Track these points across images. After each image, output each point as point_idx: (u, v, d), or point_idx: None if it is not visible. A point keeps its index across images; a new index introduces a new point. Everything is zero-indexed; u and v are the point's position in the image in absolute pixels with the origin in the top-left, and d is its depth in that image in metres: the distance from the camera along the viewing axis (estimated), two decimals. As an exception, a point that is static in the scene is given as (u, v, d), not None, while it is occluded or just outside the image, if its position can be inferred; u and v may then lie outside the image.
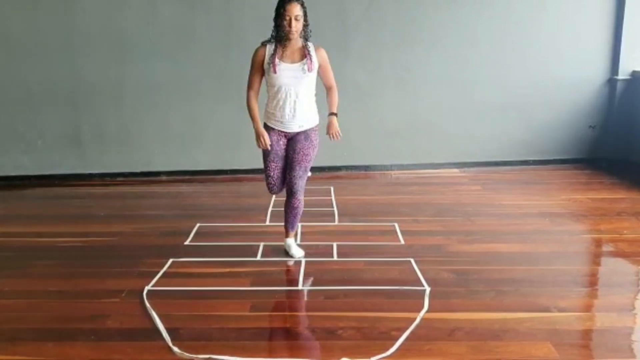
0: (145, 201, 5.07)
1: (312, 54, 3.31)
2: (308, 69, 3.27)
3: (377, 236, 3.91)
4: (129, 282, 3.15)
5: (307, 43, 3.33)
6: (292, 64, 3.29)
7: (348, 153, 5.94)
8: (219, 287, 3.08)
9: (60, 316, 2.79)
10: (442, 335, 2.53)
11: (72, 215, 4.63)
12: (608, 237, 3.88)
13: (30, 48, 5.65)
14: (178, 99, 5.81)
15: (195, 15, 5.64)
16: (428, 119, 6.00)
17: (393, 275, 3.21)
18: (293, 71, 3.28)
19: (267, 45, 3.33)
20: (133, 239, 3.94)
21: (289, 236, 3.61)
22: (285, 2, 3.18)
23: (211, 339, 2.53)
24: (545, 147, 6.11)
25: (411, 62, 5.87)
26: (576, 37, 5.88)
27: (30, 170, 5.91)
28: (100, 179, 5.91)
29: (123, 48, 5.69)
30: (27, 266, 3.46)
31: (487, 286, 3.03)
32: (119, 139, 5.88)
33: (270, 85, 3.37)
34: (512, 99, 5.99)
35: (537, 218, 4.27)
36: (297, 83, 3.29)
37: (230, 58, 5.71)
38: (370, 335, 2.54)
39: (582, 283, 3.16)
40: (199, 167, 5.98)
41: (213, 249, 3.68)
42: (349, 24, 5.71)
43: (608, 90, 5.99)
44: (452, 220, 4.21)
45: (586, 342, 2.53)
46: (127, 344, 2.50)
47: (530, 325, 2.60)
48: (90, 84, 5.74)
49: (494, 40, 5.86)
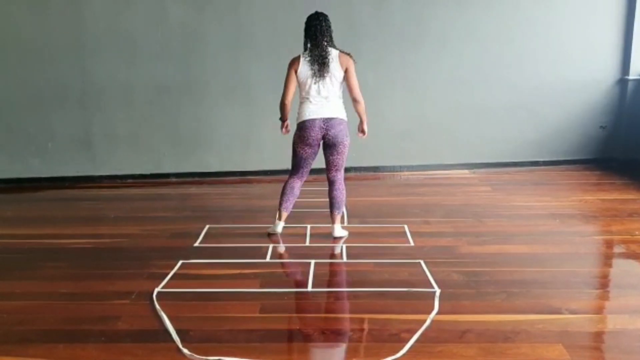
0: (154, 203, 5.08)
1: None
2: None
3: (387, 237, 3.89)
4: (139, 284, 3.16)
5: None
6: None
7: (357, 154, 5.93)
8: (229, 289, 3.08)
9: (70, 318, 2.79)
10: (452, 337, 2.52)
11: (82, 217, 4.66)
12: (619, 238, 3.85)
13: (40, 51, 5.69)
14: (187, 101, 5.83)
15: (204, 17, 5.66)
16: (437, 120, 5.98)
17: (403, 277, 3.20)
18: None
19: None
20: (143, 241, 3.95)
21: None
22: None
23: (221, 340, 2.53)
24: (556, 148, 6.08)
25: (420, 63, 5.86)
26: (587, 37, 5.85)
27: (41, 172, 5.94)
28: (110, 180, 5.94)
29: (132, 50, 5.71)
30: (37, 268, 3.48)
31: (498, 288, 3.01)
32: (129, 141, 5.91)
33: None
34: (522, 99, 5.96)
35: (548, 219, 4.25)
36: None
37: (239, 60, 5.73)
38: (380, 337, 2.53)
39: (593, 285, 3.13)
40: (208, 169, 6.00)
41: (222, 251, 3.69)
42: (358, 25, 5.71)
43: (619, 91, 5.95)
44: (462, 222, 4.20)
45: (598, 344, 2.50)
46: (137, 346, 2.50)
47: (542, 327, 2.58)
48: (100, 86, 5.77)
49: (503, 41, 5.84)
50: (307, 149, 3.81)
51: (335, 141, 3.75)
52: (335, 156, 3.82)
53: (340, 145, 3.78)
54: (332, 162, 3.84)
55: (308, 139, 3.75)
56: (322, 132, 3.73)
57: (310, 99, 3.73)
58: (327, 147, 3.82)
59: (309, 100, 3.74)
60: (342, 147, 3.80)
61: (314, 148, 3.81)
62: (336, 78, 3.70)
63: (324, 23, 3.71)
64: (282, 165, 5.97)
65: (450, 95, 5.93)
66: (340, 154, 3.82)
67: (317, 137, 3.74)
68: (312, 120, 3.71)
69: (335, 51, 3.72)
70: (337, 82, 3.73)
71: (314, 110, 3.72)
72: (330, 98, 3.72)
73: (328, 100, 3.72)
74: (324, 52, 3.68)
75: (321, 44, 3.69)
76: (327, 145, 3.81)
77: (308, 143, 3.77)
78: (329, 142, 3.77)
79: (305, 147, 3.80)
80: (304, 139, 3.76)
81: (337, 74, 3.69)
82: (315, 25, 3.69)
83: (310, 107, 3.73)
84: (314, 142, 3.77)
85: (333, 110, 3.73)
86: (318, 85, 3.70)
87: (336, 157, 3.82)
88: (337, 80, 3.72)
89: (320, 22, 3.70)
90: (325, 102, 3.72)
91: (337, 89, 3.75)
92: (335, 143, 3.76)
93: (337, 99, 3.77)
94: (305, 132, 3.73)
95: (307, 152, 3.83)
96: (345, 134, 3.77)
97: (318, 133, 3.73)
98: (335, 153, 3.81)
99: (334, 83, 3.71)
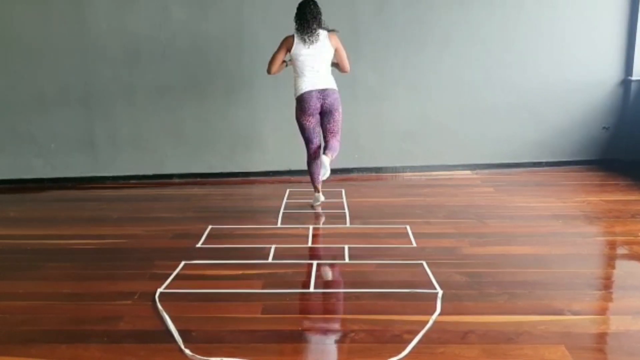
0: (157, 204, 5.09)
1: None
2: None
3: (389, 238, 3.89)
4: (142, 285, 3.16)
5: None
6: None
7: (359, 155, 5.94)
8: (231, 290, 3.08)
9: (73, 318, 2.80)
10: (454, 338, 2.52)
11: (85, 218, 4.67)
12: (622, 239, 3.84)
13: (43, 52, 5.70)
14: (190, 101, 5.84)
15: (207, 18, 5.67)
16: (439, 120, 5.98)
17: (405, 278, 3.19)
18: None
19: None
20: (145, 242, 3.96)
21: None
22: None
23: (223, 341, 2.53)
24: (558, 149, 6.07)
25: (422, 63, 5.85)
26: (590, 37, 5.84)
27: (44, 173, 5.96)
28: (113, 181, 5.96)
29: (135, 51, 5.73)
30: (40, 268, 3.49)
31: (500, 289, 3.01)
32: (132, 141, 5.92)
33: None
34: (524, 100, 5.95)
35: (551, 220, 4.24)
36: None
37: (242, 61, 5.73)
38: (383, 338, 2.53)
39: (596, 286, 3.12)
40: (211, 170, 6.01)
41: (225, 251, 3.69)
42: (360, 26, 5.71)
43: (622, 91, 5.94)
44: (465, 223, 4.19)
45: (601, 346, 2.50)
46: (140, 346, 2.51)
47: (544, 329, 2.57)
48: (103, 87, 5.79)
49: (505, 41, 5.83)
50: (311, 119, 4.33)
51: (331, 109, 4.30)
52: (331, 124, 4.34)
53: (335, 113, 4.33)
54: (329, 129, 4.35)
55: (308, 109, 4.28)
56: (320, 101, 4.28)
57: (305, 74, 4.27)
58: (324, 115, 4.35)
59: (304, 75, 4.28)
60: (337, 115, 4.34)
61: (315, 117, 4.34)
62: (327, 54, 4.29)
63: (313, 7, 4.24)
64: (284, 166, 6.00)
65: (453, 96, 5.93)
66: (336, 121, 4.35)
67: (316, 106, 4.28)
68: (309, 92, 4.25)
69: (324, 32, 4.29)
70: (328, 58, 4.31)
71: (310, 83, 4.26)
72: (322, 72, 4.29)
73: (320, 74, 4.28)
74: (315, 32, 4.23)
75: (312, 25, 4.22)
76: (323, 113, 4.34)
77: (310, 113, 4.30)
78: (325, 110, 4.32)
79: (308, 117, 4.32)
80: (305, 110, 4.29)
81: (328, 52, 4.28)
82: (305, 9, 4.23)
83: (306, 81, 4.27)
84: (314, 111, 4.31)
85: (326, 82, 4.29)
86: (312, 62, 4.24)
87: (332, 125, 4.34)
88: (328, 57, 4.31)
89: (309, 6, 4.23)
90: (318, 75, 4.27)
91: (327, 64, 4.33)
92: (331, 110, 4.31)
93: (328, 72, 4.35)
94: (305, 103, 4.27)
95: (312, 122, 4.34)
96: (339, 102, 4.34)
97: (316, 103, 4.27)
98: (331, 120, 4.33)
99: (325, 59, 4.29)
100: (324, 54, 4.27)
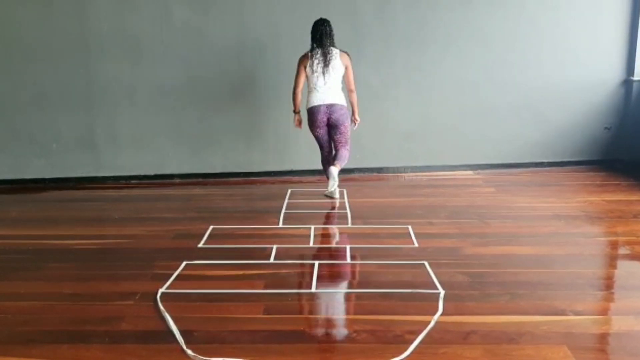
0: (158, 204, 5.09)
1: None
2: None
3: (391, 239, 3.89)
4: (143, 285, 3.16)
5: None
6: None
7: (361, 155, 5.94)
8: (233, 290, 3.08)
9: (74, 318, 2.80)
10: (457, 338, 2.51)
11: (86, 218, 4.66)
12: (624, 239, 3.83)
13: (44, 52, 5.71)
14: (191, 101, 5.85)
15: (208, 19, 5.67)
16: (441, 120, 5.98)
17: (407, 278, 3.19)
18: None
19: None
20: (147, 242, 3.96)
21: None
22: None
23: (225, 341, 2.53)
24: (560, 149, 6.07)
25: (424, 63, 5.85)
26: (591, 38, 5.83)
27: (45, 173, 5.96)
28: (114, 181, 5.96)
29: (137, 51, 5.73)
30: (42, 268, 3.49)
31: (503, 289, 3.00)
32: (133, 142, 5.93)
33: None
34: (526, 100, 5.95)
35: (552, 220, 4.24)
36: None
37: (243, 61, 5.73)
38: (384, 339, 2.52)
39: (598, 286, 3.12)
40: (212, 170, 6.01)
41: (226, 252, 3.69)
42: (361, 26, 5.71)
43: (623, 92, 5.94)
44: (467, 223, 4.19)
45: (603, 346, 2.49)
46: (141, 347, 2.50)
47: (546, 329, 2.57)
48: (104, 87, 5.79)
49: (507, 41, 5.83)
50: (320, 130, 4.78)
51: (337, 123, 4.72)
52: (338, 135, 4.79)
53: (341, 127, 4.75)
54: (337, 140, 4.82)
55: (316, 121, 4.72)
56: (326, 115, 4.69)
57: (317, 89, 4.67)
58: (331, 128, 4.78)
59: (316, 90, 4.67)
60: (343, 128, 4.76)
61: (323, 128, 4.78)
62: (338, 72, 4.66)
63: (328, 27, 4.63)
64: (285, 166, 6.00)
65: (455, 96, 5.93)
66: (342, 133, 4.78)
67: (323, 119, 4.71)
68: (318, 107, 4.68)
69: (336, 50, 4.66)
70: (339, 76, 4.68)
71: (319, 98, 4.66)
72: (333, 88, 4.66)
73: (331, 90, 4.65)
74: (328, 51, 4.61)
75: (326, 44, 4.61)
76: (330, 126, 4.76)
77: (318, 125, 4.74)
78: (332, 124, 4.73)
79: (317, 129, 4.77)
80: (314, 122, 4.74)
81: (339, 69, 4.65)
82: (321, 29, 4.61)
83: (317, 96, 4.67)
84: (322, 124, 4.73)
85: (334, 98, 4.67)
86: (324, 77, 4.62)
87: (339, 136, 4.79)
88: (339, 74, 4.67)
89: (325, 26, 4.62)
90: (328, 91, 4.65)
91: (338, 81, 4.69)
92: (337, 124, 4.73)
93: (338, 89, 4.71)
94: (314, 116, 4.71)
95: (321, 132, 4.80)
96: (345, 117, 4.74)
97: (323, 117, 4.69)
98: (338, 133, 4.78)
99: (336, 76, 4.66)
100: (336, 71, 4.64)
